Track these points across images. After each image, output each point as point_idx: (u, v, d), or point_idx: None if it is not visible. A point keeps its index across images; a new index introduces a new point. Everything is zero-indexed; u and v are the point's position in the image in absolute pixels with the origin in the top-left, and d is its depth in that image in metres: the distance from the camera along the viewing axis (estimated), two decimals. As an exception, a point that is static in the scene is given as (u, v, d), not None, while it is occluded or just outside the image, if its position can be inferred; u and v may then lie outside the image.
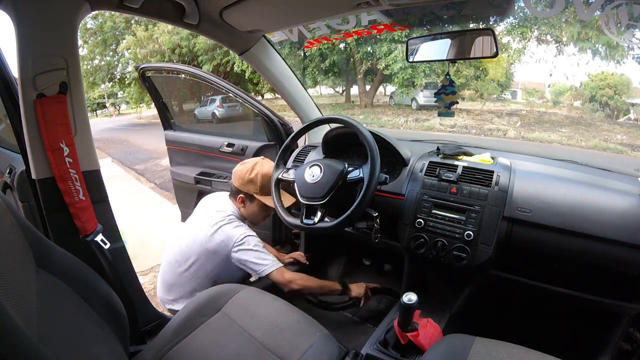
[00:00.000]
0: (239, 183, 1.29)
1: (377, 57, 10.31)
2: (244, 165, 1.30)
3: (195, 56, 12.68)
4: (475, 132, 8.82)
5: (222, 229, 1.21)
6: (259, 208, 1.31)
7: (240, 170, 1.29)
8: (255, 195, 1.28)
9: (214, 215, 1.25)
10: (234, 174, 1.31)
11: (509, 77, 11.82)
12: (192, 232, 1.25)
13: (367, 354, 0.99)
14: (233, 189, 1.32)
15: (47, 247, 0.68)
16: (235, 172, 1.31)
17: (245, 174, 1.27)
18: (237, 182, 1.29)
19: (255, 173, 1.27)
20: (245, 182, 1.27)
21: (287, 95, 1.60)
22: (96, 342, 0.64)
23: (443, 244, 1.04)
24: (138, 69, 1.93)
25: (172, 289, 1.25)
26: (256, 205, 1.30)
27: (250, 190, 1.27)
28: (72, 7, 0.85)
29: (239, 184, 1.28)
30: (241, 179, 1.28)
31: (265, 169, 1.28)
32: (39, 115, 0.84)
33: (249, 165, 1.29)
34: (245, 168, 1.29)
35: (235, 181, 1.30)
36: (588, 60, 9.21)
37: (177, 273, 1.24)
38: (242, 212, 1.31)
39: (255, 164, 1.29)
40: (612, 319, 1.03)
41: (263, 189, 1.27)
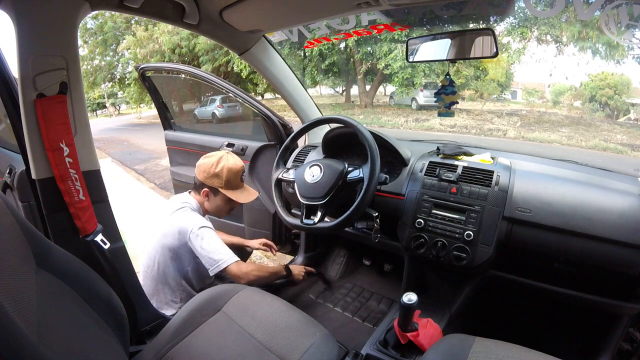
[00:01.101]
0: (204, 177, 1.27)
1: (377, 57, 10.31)
2: (208, 159, 1.29)
3: (195, 56, 12.68)
4: (475, 132, 8.82)
5: (177, 219, 1.21)
6: (223, 202, 1.30)
7: (205, 164, 1.28)
8: (220, 189, 1.27)
9: (170, 209, 1.26)
10: (198, 167, 1.30)
11: (509, 77, 11.83)
12: (153, 231, 1.26)
13: (367, 354, 0.99)
14: (197, 182, 1.31)
15: (47, 247, 0.68)
16: (200, 166, 1.29)
17: (211, 168, 1.26)
18: (201, 175, 1.28)
19: (221, 167, 1.26)
20: (210, 176, 1.26)
21: (287, 95, 1.60)
22: (96, 342, 0.64)
23: (443, 244, 1.04)
24: (138, 69, 1.93)
25: (153, 297, 1.26)
26: (220, 199, 1.30)
27: (215, 184, 1.27)
28: (72, 7, 0.85)
29: (204, 177, 1.27)
30: (206, 172, 1.27)
31: (231, 163, 1.28)
32: (39, 115, 0.84)
33: (214, 159, 1.28)
34: (210, 162, 1.27)
35: (200, 174, 1.28)
36: (588, 60, 9.24)
37: (150, 278, 1.26)
38: (205, 206, 1.31)
39: (220, 157, 1.28)
40: (612, 319, 1.03)
41: (228, 183, 1.27)
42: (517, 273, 1.06)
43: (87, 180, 0.94)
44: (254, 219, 1.85)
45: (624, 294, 0.95)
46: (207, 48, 12.13)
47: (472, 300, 1.15)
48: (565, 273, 0.98)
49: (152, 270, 1.25)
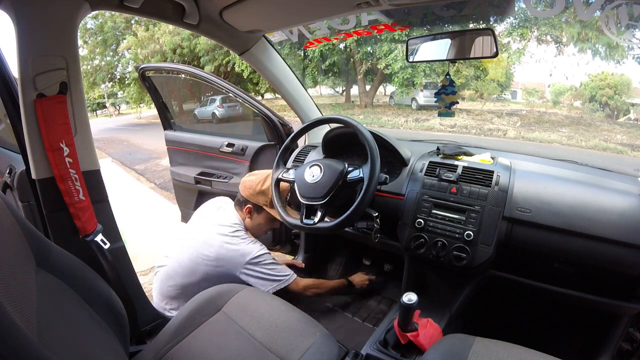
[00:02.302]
0: (249, 193, 1.27)
1: (377, 57, 10.31)
2: (255, 177, 1.29)
3: (195, 57, 12.68)
4: (475, 132, 8.82)
5: (234, 244, 1.20)
6: (265, 220, 1.29)
7: (251, 181, 1.28)
8: (265, 208, 1.26)
9: (221, 228, 1.23)
10: (242, 183, 1.30)
11: (509, 77, 11.83)
12: (196, 244, 1.22)
13: (367, 354, 0.99)
14: (240, 199, 1.30)
15: (47, 247, 0.68)
16: (245, 182, 1.29)
17: (257, 185, 1.26)
18: (246, 192, 1.27)
19: (268, 185, 1.25)
20: (255, 193, 1.26)
21: (287, 95, 1.60)
22: (96, 342, 0.64)
23: (443, 244, 1.04)
24: (138, 69, 1.93)
25: (172, 301, 1.24)
26: (263, 218, 1.29)
27: (260, 201, 1.26)
28: (72, 7, 0.85)
29: (249, 194, 1.27)
30: (251, 189, 1.26)
31: None
32: (39, 115, 0.84)
33: (261, 177, 1.28)
34: (257, 179, 1.27)
35: (244, 191, 1.28)
36: (588, 60, 9.23)
37: (179, 285, 1.22)
38: (246, 223, 1.29)
39: (267, 176, 1.28)
40: (612, 319, 1.03)
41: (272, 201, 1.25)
42: (517, 273, 1.06)
43: (87, 180, 0.94)
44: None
45: (624, 294, 0.95)
46: (207, 48, 12.13)
47: (472, 300, 1.15)
48: (565, 273, 0.98)
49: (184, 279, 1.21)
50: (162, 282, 1.25)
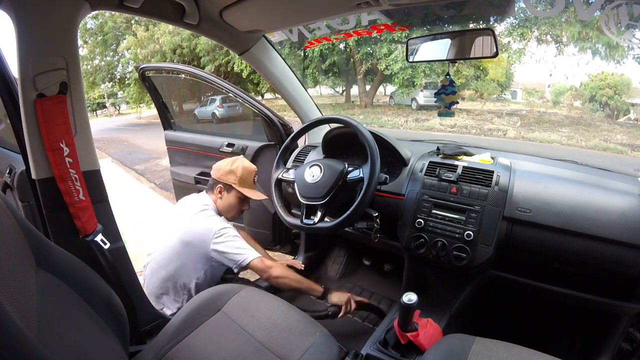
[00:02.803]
0: (218, 174, 1.32)
1: (377, 57, 10.31)
2: (223, 160, 1.35)
3: (195, 57, 12.69)
4: (475, 132, 8.82)
5: (200, 220, 1.22)
6: (236, 199, 1.32)
7: (220, 163, 1.34)
8: (234, 186, 1.30)
9: (191, 210, 1.26)
10: (213, 168, 1.35)
11: (509, 77, 11.83)
12: (171, 231, 1.25)
13: (367, 354, 0.99)
14: (211, 181, 1.35)
15: (47, 247, 0.68)
16: (215, 166, 1.35)
17: (226, 166, 1.32)
18: (216, 174, 1.33)
19: (236, 165, 1.31)
20: (225, 173, 1.31)
21: (287, 95, 1.60)
22: (96, 342, 0.64)
23: (443, 244, 1.04)
24: (138, 69, 1.93)
25: (157, 297, 1.26)
26: (234, 197, 1.32)
27: (230, 180, 1.30)
28: (72, 7, 0.85)
29: (218, 175, 1.32)
30: (221, 170, 1.32)
31: (246, 163, 1.34)
32: (39, 115, 0.84)
33: (230, 159, 1.35)
34: (226, 161, 1.34)
35: (215, 173, 1.34)
36: (588, 60, 9.23)
37: (159, 278, 1.25)
38: (218, 204, 1.33)
39: (236, 159, 1.35)
40: (612, 319, 1.03)
41: (242, 180, 1.31)
42: (517, 273, 1.06)
43: (87, 180, 0.94)
44: (254, 219, 1.85)
45: (624, 294, 0.95)
46: (207, 49, 12.13)
47: (472, 300, 1.15)
48: (565, 273, 0.98)
49: (164, 270, 1.24)
50: (149, 280, 1.28)
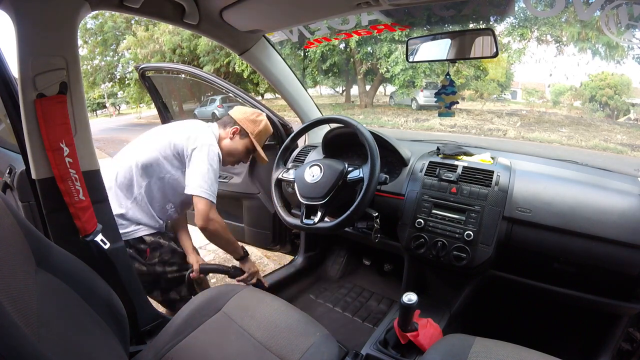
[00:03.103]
0: (241, 116, 1.30)
1: (377, 57, 10.32)
2: (247, 107, 1.36)
3: (195, 57, 12.69)
4: (475, 132, 8.82)
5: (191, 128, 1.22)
6: (244, 148, 1.31)
7: (245, 108, 1.34)
8: (250, 135, 1.30)
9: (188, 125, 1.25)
10: (235, 109, 1.33)
11: (509, 77, 11.83)
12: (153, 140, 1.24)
13: (367, 354, 0.99)
14: (227, 119, 1.32)
15: (47, 247, 0.68)
16: (239, 108, 1.34)
17: (251, 115, 1.31)
18: (238, 115, 1.31)
19: (261, 119, 1.33)
20: (248, 119, 1.30)
21: (287, 95, 1.60)
22: (96, 342, 0.64)
23: (443, 244, 1.04)
24: (138, 69, 1.93)
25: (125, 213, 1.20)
26: (244, 144, 1.31)
27: (249, 128, 1.29)
28: (72, 7, 0.85)
29: (240, 118, 1.30)
30: (245, 114, 1.31)
31: (267, 123, 1.35)
32: (39, 115, 0.84)
33: (255, 110, 1.35)
34: (250, 109, 1.34)
35: (236, 114, 1.31)
36: (588, 60, 9.24)
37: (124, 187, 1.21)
38: (223, 143, 1.29)
39: (261, 113, 1.36)
40: (612, 319, 1.03)
41: (259, 135, 1.32)
42: (517, 273, 1.06)
43: (87, 180, 0.94)
44: (254, 219, 1.85)
45: (624, 294, 0.95)
46: (208, 49, 12.14)
47: (472, 300, 1.15)
48: (565, 273, 0.98)
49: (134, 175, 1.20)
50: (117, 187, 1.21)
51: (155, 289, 1.30)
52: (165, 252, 1.27)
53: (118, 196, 1.20)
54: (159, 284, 1.30)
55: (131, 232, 1.20)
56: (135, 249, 1.21)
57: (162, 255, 1.26)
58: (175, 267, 1.30)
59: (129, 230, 1.20)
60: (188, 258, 1.37)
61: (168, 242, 1.29)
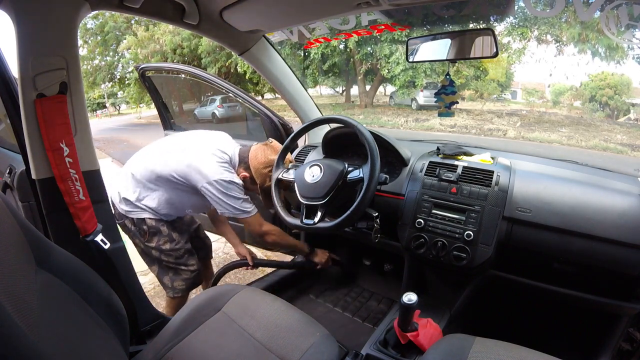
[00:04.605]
0: (256, 166, 1.24)
1: (377, 57, 10.31)
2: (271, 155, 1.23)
3: (196, 57, 12.69)
4: (475, 132, 8.82)
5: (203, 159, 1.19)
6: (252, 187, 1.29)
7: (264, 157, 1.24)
8: (258, 187, 1.28)
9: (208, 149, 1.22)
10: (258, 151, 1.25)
11: (509, 77, 11.83)
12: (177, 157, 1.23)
13: (367, 354, 0.99)
14: (246, 160, 1.26)
15: (47, 247, 0.68)
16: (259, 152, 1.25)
17: (265, 167, 1.23)
18: (254, 162, 1.24)
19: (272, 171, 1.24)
20: (259, 173, 1.24)
21: (287, 95, 1.60)
22: (96, 342, 0.64)
23: (443, 244, 1.04)
24: (138, 69, 1.93)
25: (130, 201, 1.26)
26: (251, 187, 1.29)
27: (259, 180, 1.26)
28: (72, 7, 0.85)
29: (255, 167, 1.24)
30: (260, 164, 1.23)
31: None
32: (39, 115, 0.84)
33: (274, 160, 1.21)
34: (271, 161, 1.22)
35: (253, 160, 1.24)
36: (588, 60, 9.22)
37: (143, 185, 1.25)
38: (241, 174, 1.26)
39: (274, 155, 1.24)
40: (612, 319, 1.03)
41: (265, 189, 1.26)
42: (517, 273, 1.06)
43: (87, 180, 0.94)
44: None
45: (624, 294, 0.95)
46: (209, 49, 12.13)
47: (472, 300, 1.15)
48: (565, 273, 0.98)
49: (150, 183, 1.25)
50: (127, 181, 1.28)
51: (153, 264, 1.35)
52: (163, 239, 1.29)
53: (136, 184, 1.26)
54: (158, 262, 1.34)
55: (136, 212, 1.26)
56: (138, 227, 1.27)
57: (159, 243, 1.29)
58: (172, 259, 1.32)
59: (135, 210, 1.26)
60: (237, 250, 1.47)
61: (169, 231, 1.31)
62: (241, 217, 1.23)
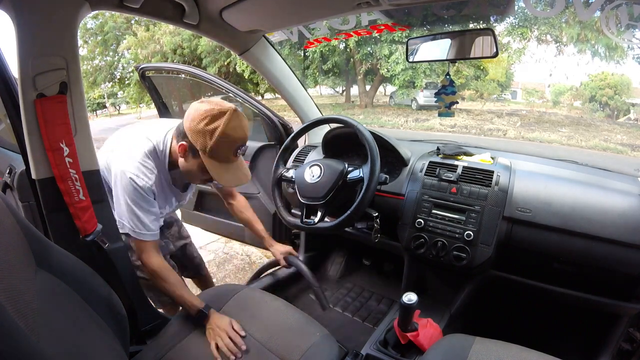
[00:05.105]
0: (189, 126, 0.90)
1: (377, 57, 10.32)
2: (205, 106, 0.89)
3: (196, 57, 12.69)
4: (475, 132, 8.83)
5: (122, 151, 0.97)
6: (198, 168, 0.94)
7: (197, 111, 0.89)
8: (201, 154, 0.91)
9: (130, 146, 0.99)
10: (188, 111, 0.93)
11: (509, 77, 11.83)
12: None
13: (367, 354, 0.99)
14: (180, 127, 0.94)
15: (47, 247, 0.68)
16: (191, 110, 0.92)
17: (201, 121, 0.88)
18: (187, 123, 0.91)
19: (215, 126, 0.88)
20: (196, 129, 0.89)
21: (287, 95, 1.60)
22: (96, 342, 0.64)
23: (443, 244, 1.04)
24: (138, 69, 1.93)
25: None
26: (196, 165, 0.94)
27: (198, 143, 0.90)
28: (72, 7, 0.85)
29: (189, 128, 0.90)
30: (194, 121, 0.89)
31: (230, 126, 0.88)
32: (39, 115, 0.84)
33: (213, 110, 0.88)
34: (205, 112, 0.88)
35: (186, 121, 0.91)
36: (588, 60, 9.23)
37: None
38: (179, 162, 0.97)
39: (220, 112, 0.88)
40: (612, 319, 1.03)
41: (213, 151, 0.90)
42: (517, 273, 1.06)
43: (87, 180, 0.94)
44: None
45: (624, 294, 0.95)
46: (208, 49, 12.14)
47: (472, 300, 1.15)
48: (565, 273, 0.98)
49: None
50: None
51: None
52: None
53: None
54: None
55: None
56: None
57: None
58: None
59: None
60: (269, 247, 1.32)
61: None
62: (128, 232, 0.97)
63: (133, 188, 0.94)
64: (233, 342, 0.85)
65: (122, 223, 0.98)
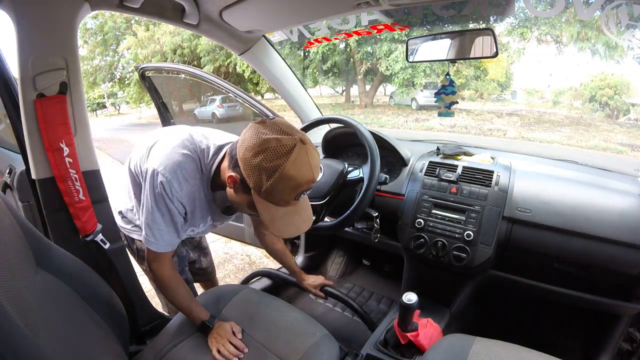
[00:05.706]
0: (243, 156, 0.71)
1: (377, 57, 10.33)
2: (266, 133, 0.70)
3: (196, 57, 12.71)
4: (475, 132, 8.83)
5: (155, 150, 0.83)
6: (248, 206, 0.77)
7: (254, 138, 0.70)
8: (253, 193, 0.73)
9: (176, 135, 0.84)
10: (247, 132, 0.73)
11: (509, 77, 11.84)
12: None
13: (367, 354, 0.99)
14: (234, 152, 0.75)
15: (47, 247, 0.68)
16: (248, 133, 0.72)
17: (258, 155, 0.69)
18: (242, 151, 0.71)
19: (274, 165, 0.68)
20: (250, 166, 0.70)
21: (287, 95, 1.60)
22: (96, 342, 0.64)
23: (443, 244, 1.04)
24: (138, 69, 1.93)
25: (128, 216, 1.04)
26: (246, 201, 0.76)
27: (251, 180, 0.71)
28: (72, 7, 0.85)
29: (242, 158, 0.71)
30: (248, 151, 0.70)
31: (296, 166, 0.69)
32: (39, 115, 0.84)
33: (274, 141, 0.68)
34: (264, 143, 0.69)
35: (241, 148, 0.72)
36: (588, 60, 9.24)
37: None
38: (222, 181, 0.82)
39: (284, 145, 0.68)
40: (612, 319, 1.03)
41: (270, 193, 0.71)
42: (517, 273, 1.06)
43: (87, 180, 0.94)
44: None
45: (624, 294, 0.95)
46: (208, 49, 12.15)
47: (472, 300, 1.15)
48: (565, 273, 0.98)
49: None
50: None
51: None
52: None
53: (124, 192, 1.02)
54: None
55: (126, 229, 1.06)
56: (129, 244, 1.10)
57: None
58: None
59: (124, 225, 1.06)
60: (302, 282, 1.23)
61: None
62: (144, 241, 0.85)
63: (159, 192, 0.79)
64: (234, 346, 0.85)
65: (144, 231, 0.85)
